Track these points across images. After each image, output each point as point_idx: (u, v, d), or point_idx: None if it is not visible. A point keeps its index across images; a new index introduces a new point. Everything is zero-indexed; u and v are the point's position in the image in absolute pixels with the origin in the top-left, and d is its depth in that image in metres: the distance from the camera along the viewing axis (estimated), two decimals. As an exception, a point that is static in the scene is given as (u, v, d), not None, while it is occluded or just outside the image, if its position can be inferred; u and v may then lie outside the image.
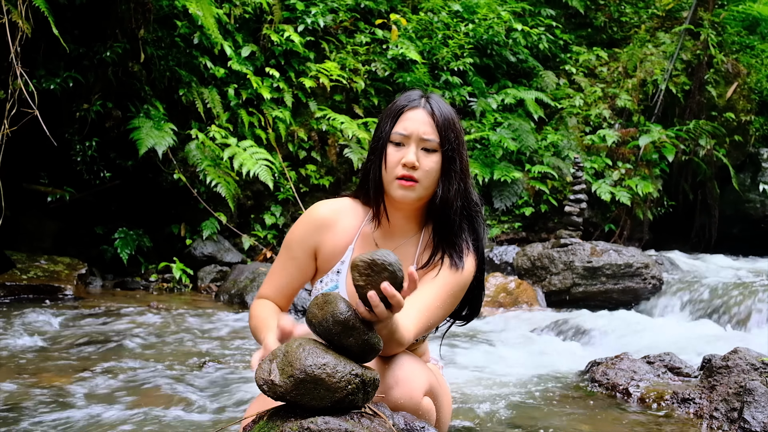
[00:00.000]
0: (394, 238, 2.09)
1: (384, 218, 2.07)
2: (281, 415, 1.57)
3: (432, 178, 1.99)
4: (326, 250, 2.08)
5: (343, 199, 2.17)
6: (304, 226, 2.11)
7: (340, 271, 2.08)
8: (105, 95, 5.83)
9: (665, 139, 8.61)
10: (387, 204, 2.06)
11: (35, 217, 5.94)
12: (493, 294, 5.69)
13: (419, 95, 2.06)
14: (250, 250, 6.71)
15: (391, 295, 1.54)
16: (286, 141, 7.16)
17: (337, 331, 1.57)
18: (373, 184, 2.05)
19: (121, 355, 3.74)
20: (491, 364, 3.88)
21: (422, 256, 2.07)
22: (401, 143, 2.00)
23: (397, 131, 2.00)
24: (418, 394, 1.85)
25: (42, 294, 5.18)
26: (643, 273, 5.79)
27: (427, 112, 2.00)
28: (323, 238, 2.09)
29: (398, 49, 7.83)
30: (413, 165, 1.96)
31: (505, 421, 2.78)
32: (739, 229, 9.53)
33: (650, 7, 10.23)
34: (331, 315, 1.56)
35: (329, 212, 2.12)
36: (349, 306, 1.58)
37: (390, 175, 2.00)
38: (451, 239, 2.02)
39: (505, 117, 8.30)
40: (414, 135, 1.98)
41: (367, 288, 1.56)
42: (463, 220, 2.04)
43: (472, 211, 2.06)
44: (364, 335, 1.57)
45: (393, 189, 2.00)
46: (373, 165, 2.05)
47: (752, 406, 2.54)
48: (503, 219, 7.99)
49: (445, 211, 2.00)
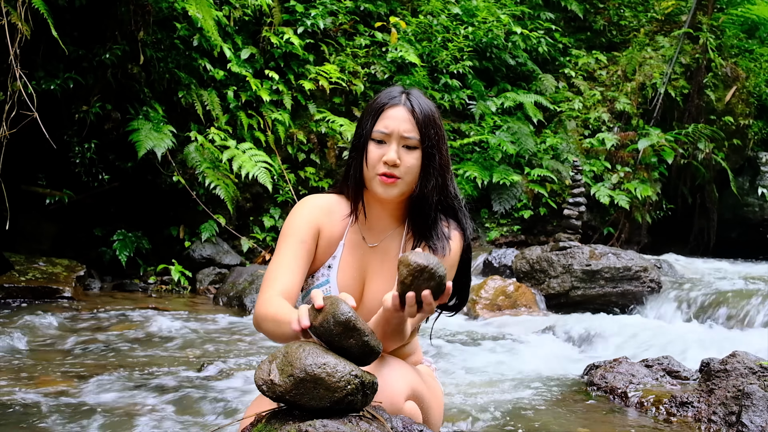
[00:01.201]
0: (378, 232, 2.13)
1: (364, 213, 2.11)
2: (279, 417, 1.57)
3: (413, 174, 2.02)
4: (324, 237, 2.10)
5: (330, 194, 2.19)
6: (308, 210, 2.11)
7: (331, 266, 2.09)
8: (104, 97, 5.83)
9: (664, 142, 8.62)
10: (369, 199, 2.10)
11: (34, 218, 5.93)
12: (492, 297, 5.69)
13: (400, 91, 2.08)
14: (249, 252, 6.71)
15: (428, 302, 1.65)
16: (285, 143, 7.16)
17: (338, 331, 1.57)
18: (353, 180, 2.09)
19: (119, 357, 3.73)
20: (489, 366, 3.88)
21: (406, 246, 2.12)
22: (382, 141, 2.02)
23: (378, 129, 2.02)
24: (399, 399, 1.85)
25: (40, 296, 5.17)
26: (641, 276, 5.79)
27: (407, 110, 2.02)
28: (324, 222, 2.10)
29: (397, 52, 7.84)
30: (394, 163, 1.99)
31: (502, 423, 2.78)
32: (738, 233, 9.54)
33: (649, 10, 10.25)
34: (332, 315, 1.57)
35: (326, 200, 2.15)
36: (350, 308, 1.59)
37: (371, 172, 2.03)
38: (426, 232, 2.07)
39: (505, 120, 8.32)
40: (395, 133, 2.01)
41: (410, 288, 1.65)
42: (439, 213, 2.08)
43: (451, 203, 2.10)
44: (364, 336, 1.58)
45: (375, 186, 2.03)
46: (355, 162, 2.08)
47: (750, 410, 2.54)
48: (502, 222, 8.00)
49: (421, 206, 2.04)
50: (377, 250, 2.11)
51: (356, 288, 2.09)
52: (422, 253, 1.66)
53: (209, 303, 5.69)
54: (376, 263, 2.11)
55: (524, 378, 3.61)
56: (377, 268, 2.10)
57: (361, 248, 2.11)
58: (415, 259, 1.63)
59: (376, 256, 2.11)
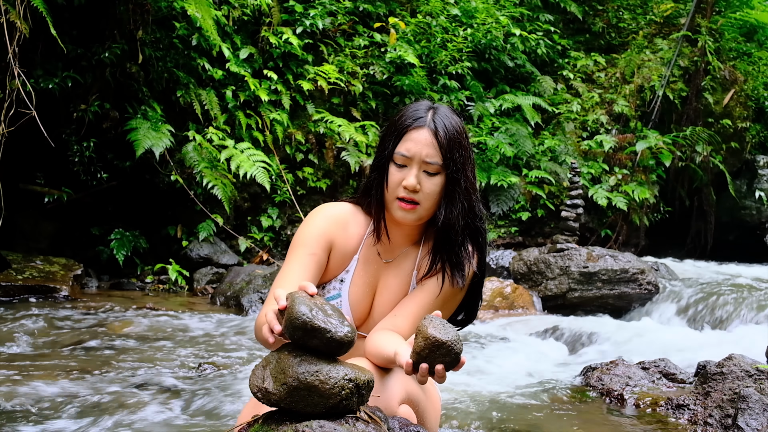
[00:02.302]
0: (394, 248, 2.08)
1: (387, 234, 2.05)
2: (276, 418, 1.57)
3: (433, 200, 1.96)
4: (337, 250, 2.04)
5: (346, 204, 2.13)
6: (322, 220, 2.05)
7: (344, 280, 2.05)
8: (103, 96, 5.83)
9: (662, 145, 8.63)
10: (387, 220, 2.04)
11: (32, 217, 5.93)
12: (490, 298, 5.70)
13: (426, 108, 1.99)
14: (246, 252, 6.70)
15: (440, 375, 1.63)
16: (283, 143, 7.16)
17: (299, 336, 1.52)
18: (375, 201, 2.03)
19: (116, 357, 3.73)
20: (486, 368, 3.88)
21: (422, 263, 2.07)
22: (404, 164, 1.95)
23: (399, 152, 1.95)
24: (393, 402, 1.85)
25: (38, 294, 5.17)
26: (638, 279, 5.80)
27: (431, 132, 1.94)
28: (338, 235, 2.05)
29: (396, 53, 7.84)
30: (414, 188, 1.93)
31: (498, 425, 2.79)
32: (735, 236, 9.55)
33: (648, 13, 10.27)
34: (289, 321, 1.52)
35: (342, 211, 2.09)
36: (307, 306, 1.53)
37: (391, 195, 1.97)
38: (452, 257, 2.01)
39: (503, 122, 8.32)
40: (416, 157, 1.93)
41: (425, 360, 1.62)
42: (467, 237, 2.03)
43: (476, 225, 2.04)
44: (326, 334, 1.52)
45: (394, 209, 1.98)
46: (376, 182, 2.02)
47: (746, 413, 2.55)
48: (500, 223, 8.00)
49: (446, 232, 1.97)
50: (391, 266, 2.08)
51: (366, 301, 2.07)
52: (441, 325, 1.62)
53: (206, 303, 5.69)
54: (388, 278, 2.07)
55: (520, 379, 3.61)
56: (389, 283, 2.07)
57: (375, 263, 2.07)
58: (433, 333, 1.60)
59: (389, 271, 2.08)
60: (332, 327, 1.53)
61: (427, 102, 2.03)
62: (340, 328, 1.54)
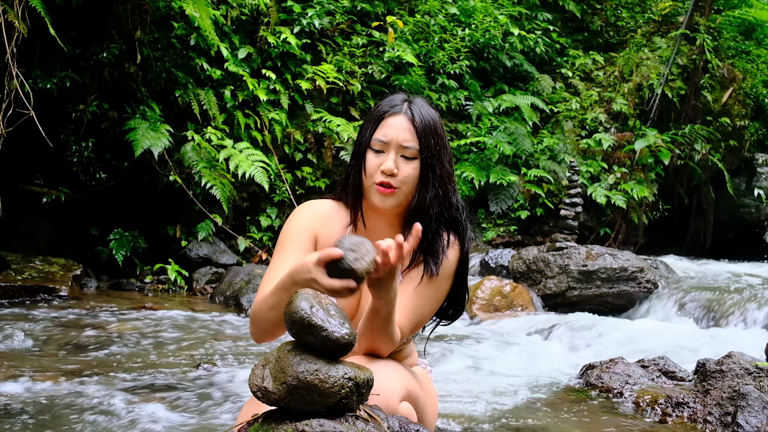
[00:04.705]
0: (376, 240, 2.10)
1: (363, 222, 2.09)
2: (276, 417, 1.57)
3: (411, 185, 2.00)
4: (322, 244, 2.07)
5: (328, 200, 2.18)
6: (305, 216, 2.10)
7: None
8: (101, 96, 5.82)
9: (661, 143, 8.63)
10: (367, 208, 2.08)
11: (30, 217, 5.92)
12: (489, 297, 5.69)
13: (402, 99, 2.06)
14: (245, 251, 6.70)
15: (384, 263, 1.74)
16: (282, 143, 7.16)
17: (296, 330, 1.55)
18: (353, 188, 2.07)
19: (115, 357, 3.73)
20: (485, 367, 3.88)
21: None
22: (381, 150, 2.00)
23: (376, 138, 2.01)
24: (394, 400, 1.86)
25: (37, 295, 5.17)
26: (637, 277, 5.80)
27: (407, 119, 2.00)
28: (322, 229, 2.09)
29: (395, 52, 7.84)
30: (392, 172, 1.97)
31: (498, 424, 2.79)
32: (734, 234, 9.55)
33: (646, 11, 10.26)
34: (288, 314, 1.55)
35: (324, 207, 2.14)
36: (309, 304, 1.55)
37: (369, 181, 2.01)
38: (427, 245, 2.03)
39: (501, 120, 8.31)
40: (393, 142, 1.99)
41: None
42: (441, 225, 2.05)
43: (453, 215, 2.06)
44: (322, 332, 1.53)
45: (372, 194, 2.01)
46: (354, 170, 2.07)
47: (746, 411, 2.55)
48: (499, 222, 8.00)
49: (419, 218, 1.98)
50: None
51: (354, 297, 2.07)
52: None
53: (206, 302, 5.69)
54: None
55: (520, 377, 3.61)
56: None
57: None
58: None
59: None
60: (330, 326, 1.54)
61: (402, 94, 2.10)
62: (338, 329, 1.55)
